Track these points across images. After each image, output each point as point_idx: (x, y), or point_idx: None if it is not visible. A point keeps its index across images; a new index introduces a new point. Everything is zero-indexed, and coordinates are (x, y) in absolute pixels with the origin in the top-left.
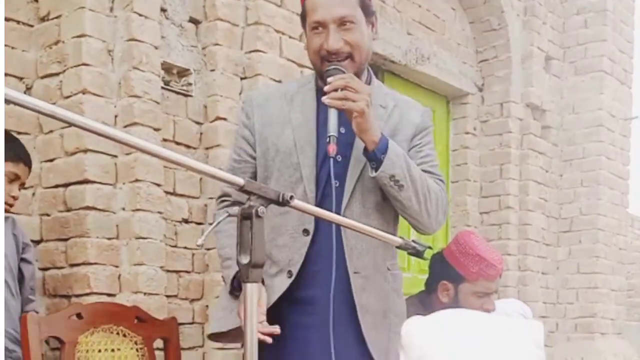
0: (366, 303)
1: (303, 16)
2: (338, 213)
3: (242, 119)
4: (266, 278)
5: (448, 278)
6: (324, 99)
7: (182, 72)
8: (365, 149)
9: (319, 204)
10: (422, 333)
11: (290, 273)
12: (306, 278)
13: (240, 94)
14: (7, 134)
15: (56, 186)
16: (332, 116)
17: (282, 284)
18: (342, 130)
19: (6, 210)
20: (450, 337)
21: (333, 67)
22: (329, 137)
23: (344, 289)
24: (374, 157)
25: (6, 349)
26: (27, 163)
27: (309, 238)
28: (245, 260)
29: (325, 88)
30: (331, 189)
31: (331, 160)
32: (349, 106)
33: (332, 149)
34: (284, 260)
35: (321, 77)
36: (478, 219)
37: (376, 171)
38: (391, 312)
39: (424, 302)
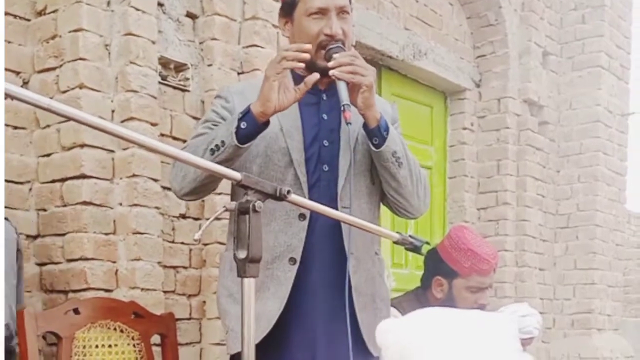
0: (358, 285)
1: (292, 4)
2: (334, 195)
3: (220, 102)
4: (263, 265)
5: (442, 273)
6: (333, 72)
7: (180, 67)
8: (365, 126)
9: (311, 187)
10: (399, 332)
11: (293, 260)
12: (305, 262)
13: None
14: None
15: (53, 181)
16: (342, 88)
17: (287, 272)
18: (325, 117)
19: None
20: (428, 333)
21: (336, 45)
22: (344, 105)
23: (340, 270)
24: (378, 132)
25: None
26: None
27: (306, 223)
28: (242, 255)
29: (331, 63)
30: (322, 173)
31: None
32: (359, 80)
33: (349, 115)
34: (281, 245)
35: (310, 66)
36: (475, 214)
37: (379, 147)
38: (377, 296)
39: (420, 298)
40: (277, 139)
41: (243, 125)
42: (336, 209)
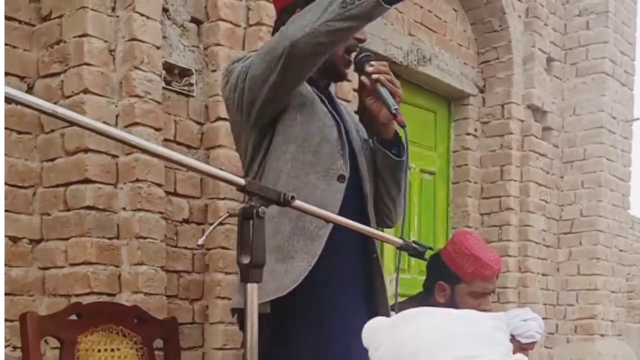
0: (378, 254)
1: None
2: (361, 197)
3: None
4: (295, 216)
5: (444, 279)
6: (378, 76)
7: (184, 73)
8: (380, 135)
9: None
10: (391, 332)
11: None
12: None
13: None
14: None
15: (57, 186)
16: (387, 93)
17: (321, 229)
18: (340, 121)
19: None
20: (423, 333)
21: (367, 54)
22: (395, 109)
23: (365, 241)
24: (397, 142)
25: None
26: None
27: (344, 185)
28: (245, 260)
29: (371, 69)
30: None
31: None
32: (394, 90)
33: (403, 119)
34: (317, 199)
35: (328, 68)
36: (478, 220)
37: (401, 157)
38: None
39: (423, 304)
40: (329, 130)
41: None
42: (366, 209)
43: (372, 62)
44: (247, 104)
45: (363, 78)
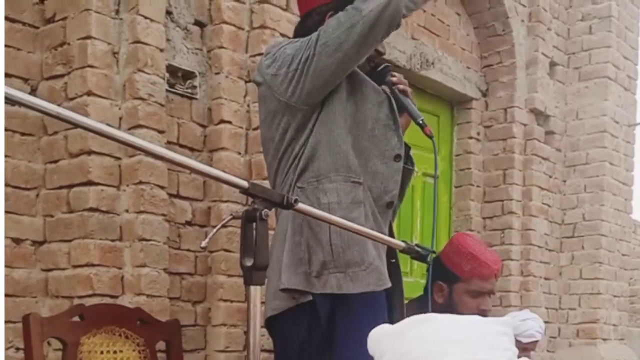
0: None
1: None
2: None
3: None
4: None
5: (442, 278)
6: (403, 87)
7: (187, 75)
8: None
9: None
10: (396, 339)
11: (391, 204)
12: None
13: (245, 97)
14: None
15: (60, 187)
16: (411, 104)
17: (387, 216)
18: None
19: None
20: (428, 340)
21: (388, 64)
22: (422, 120)
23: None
24: (409, 153)
25: None
26: None
27: (400, 164)
28: (249, 262)
29: (394, 79)
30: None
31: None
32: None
33: (430, 130)
34: (378, 187)
35: None
36: (481, 223)
37: (413, 166)
38: None
39: (423, 306)
40: (379, 108)
41: None
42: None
43: (394, 73)
44: (312, 73)
45: (384, 88)
